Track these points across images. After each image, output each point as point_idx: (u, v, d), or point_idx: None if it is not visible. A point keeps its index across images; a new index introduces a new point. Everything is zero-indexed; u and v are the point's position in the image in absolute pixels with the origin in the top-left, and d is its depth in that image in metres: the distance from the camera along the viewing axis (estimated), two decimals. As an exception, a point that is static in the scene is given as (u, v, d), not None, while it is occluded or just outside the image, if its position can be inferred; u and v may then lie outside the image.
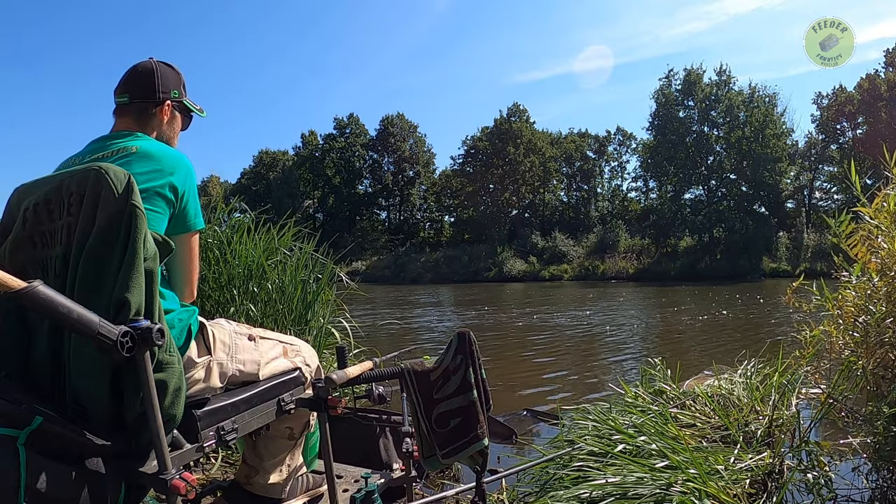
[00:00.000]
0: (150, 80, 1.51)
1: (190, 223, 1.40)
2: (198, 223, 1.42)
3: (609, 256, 33.02)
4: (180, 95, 1.58)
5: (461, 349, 1.60)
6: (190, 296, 1.46)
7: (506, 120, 40.70)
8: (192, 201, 1.40)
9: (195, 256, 1.46)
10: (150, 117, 1.52)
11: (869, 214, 1.99)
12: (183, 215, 1.38)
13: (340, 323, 3.49)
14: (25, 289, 0.92)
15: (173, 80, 1.57)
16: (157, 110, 1.52)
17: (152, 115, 1.52)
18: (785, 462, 1.95)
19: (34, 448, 0.99)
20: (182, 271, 1.43)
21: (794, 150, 34.92)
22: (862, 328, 1.97)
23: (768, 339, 7.49)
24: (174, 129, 1.60)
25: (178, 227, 1.38)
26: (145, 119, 1.51)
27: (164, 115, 1.54)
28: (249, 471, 1.71)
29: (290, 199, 40.26)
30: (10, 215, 1.27)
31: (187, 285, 1.44)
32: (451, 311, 14.76)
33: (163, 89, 1.53)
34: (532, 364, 6.63)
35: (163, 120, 1.55)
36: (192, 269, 1.46)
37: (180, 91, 1.58)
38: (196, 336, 1.38)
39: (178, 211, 1.37)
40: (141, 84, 1.51)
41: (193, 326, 1.37)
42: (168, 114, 1.55)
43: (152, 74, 1.52)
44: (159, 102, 1.52)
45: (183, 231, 1.39)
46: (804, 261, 27.25)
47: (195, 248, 1.45)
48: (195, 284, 1.48)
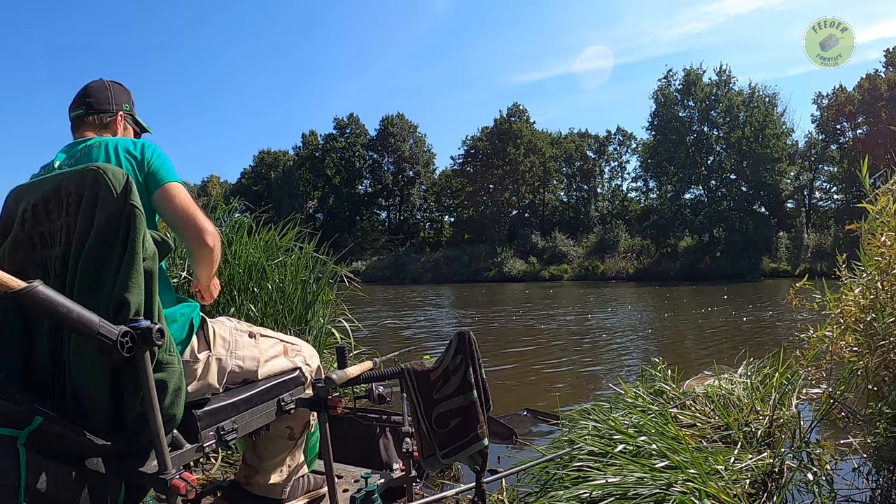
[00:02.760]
0: (103, 93, 1.64)
1: (161, 177, 1.43)
2: (166, 177, 1.44)
3: (609, 256, 33.01)
4: (131, 109, 1.71)
5: (461, 349, 1.60)
6: (203, 238, 1.43)
7: (506, 120, 40.69)
8: (157, 162, 1.44)
9: (185, 204, 1.43)
10: (106, 127, 1.62)
11: (875, 212, 1.98)
12: (153, 174, 1.42)
13: (340, 323, 3.49)
14: (25, 289, 0.92)
15: (124, 95, 1.69)
16: (111, 120, 1.63)
17: (108, 124, 1.62)
18: (785, 462, 1.95)
19: (34, 448, 1.00)
20: (180, 221, 1.43)
21: (794, 150, 34.90)
22: (864, 328, 1.97)
23: (768, 338, 7.50)
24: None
25: (150, 189, 1.42)
26: (101, 129, 1.61)
27: (118, 125, 1.64)
28: (249, 471, 1.70)
29: (291, 199, 40.32)
30: (8, 216, 1.27)
31: (193, 229, 1.43)
32: (450, 311, 14.77)
33: (116, 101, 1.65)
34: (532, 364, 6.63)
35: (117, 130, 1.64)
36: (189, 216, 1.43)
37: (131, 105, 1.71)
38: (196, 331, 1.38)
39: (147, 171, 1.42)
40: (95, 97, 1.62)
41: (195, 320, 1.37)
42: (122, 124, 1.66)
43: (105, 89, 1.65)
44: (113, 113, 1.64)
45: (153, 189, 1.42)
46: (804, 261, 27.27)
47: (178, 196, 1.43)
48: (203, 224, 1.44)
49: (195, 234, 1.43)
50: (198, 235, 1.43)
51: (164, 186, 1.43)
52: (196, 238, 1.44)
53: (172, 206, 1.42)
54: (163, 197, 1.42)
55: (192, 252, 1.50)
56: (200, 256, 1.50)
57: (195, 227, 1.43)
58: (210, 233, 1.45)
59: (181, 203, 1.43)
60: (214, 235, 1.46)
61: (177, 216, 1.42)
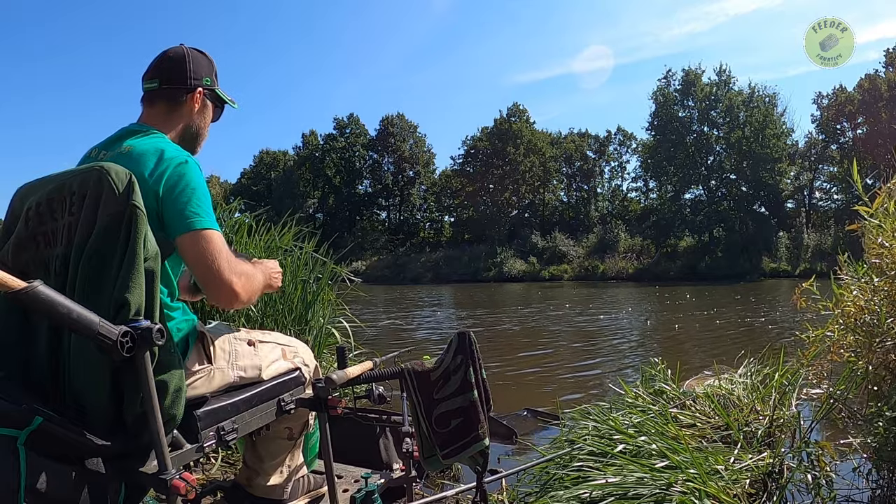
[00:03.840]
0: (181, 65, 1.44)
1: (183, 223, 1.23)
2: (196, 223, 1.23)
3: (609, 256, 32.99)
4: (212, 84, 1.51)
5: (461, 349, 1.60)
6: (229, 298, 1.27)
7: (506, 120, 40.67)
8: (182, 200, 1.24)
9: (208, 258, 1.23)
10: (180, 105, 1.45)
11: (871, 213, 1.98)
12: (172, 214, 1.23)
13: (340, 323, 3.49)
14: (25, 289, 0.92)
15: (206, 67, 1.49)
16: (187, 97, 1.45)
17: (182, 102, 1.45)
18: (785, 462, 1.95)
19: (34, 448, 0.99)
20: (199, 276, 1.25)
21: (794, 150, 34.91)
22: (864, 328, 1.97)
23: (768, 338, 7.49)
24: (205, 118, 1.52)
25: (172, 228, 1.24)
26: (175, 107, 1.45)
27: (195, 102, 1.47)
28: (250, 473, 1.71)
29: (291, 199, 40.27)
30: (13, 215, 1.26)
31: (217, 289, 1.25)
32: (450, 311, 14.76)
33: (195, 76, 1.46)
34: (532, 364, 6.63)
35: (193, 108, 1.47)
36: (213, 272, 1.23)
37: (213, 79, 1.51)
38: (196, 345, 1.37)
39: (162, 210, 1.24)
40: (172, 69, 1.44)
41: (191, 337, 1.35)
42: (199, 102, 1.48)
43: (184, 60, 1.45)
44: (191, 89, 1.45)
45: (178, 232, 1.23)
46: (804, 261, 27.27)
47: (206, 249, 1.23)
48: (232, 288, 1.25)
49: (218, 293, 1.27)
50: (223, 294, 1.26)
51: (191, 235, 1.23)
52: (214, 297, 1.28)
53: (191, 260, 1.25)
54: (185, 245, 1.24)
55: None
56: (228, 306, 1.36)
57: (218, 286, 1.25)
58: (235, 290, 1.26)
59: (203, 258, 1.23)
60: (242, 290, 1.28)
61: (197, 271, 1.25)
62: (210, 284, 1.25)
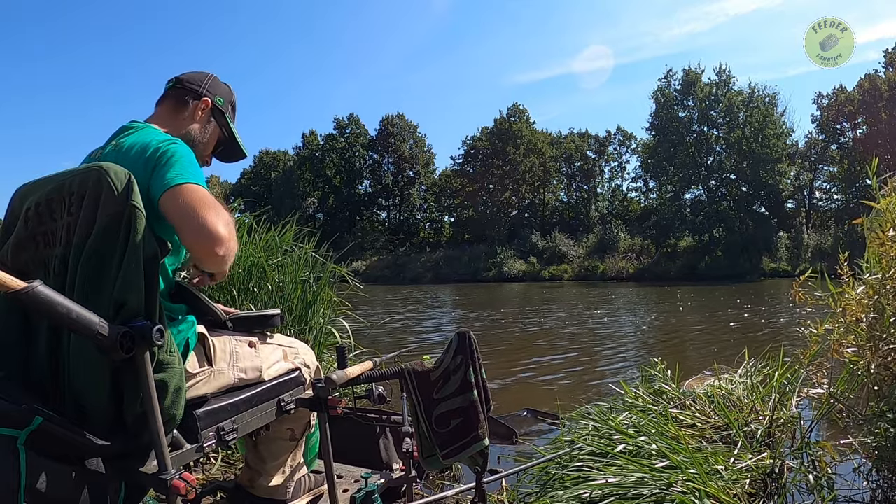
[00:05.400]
0: (200, 76, 1.53)
1: (163, 184, 1.18)
2: (176, 180, 1.18)
3: (609, 256, 33.01)
4: (224, 108, 1.54)
5: (461, 349, 1.60)
6: (214, 246, 1.14)
7: (506, 120, 40.68)
8: (164, 168, 1.21)
9: (197, 207, 1.15)
10: (184, 107, 1.48)
11: (881, 209, 1.98)
12: (156, 185, 1.20)
13: (340, 323, 3.49)
14: (25, 289, 0.92)
15: (222, 90, 1.56)
16: (192, 103, 1.49)
17: (186, 105, 1.49)
18: (785, 462, 1.95)
19: (34, 448, 0.99)
20: (185, 227, 1.15)
21: (794, 150, 34.92)
22: (866, 327, 1.97)
23: (768, 339, 7.49)
24: (206, 136, 1.52)
25: (154, 195, 1.19)
26: (179, 107, 1.48)
27: (199, 111, 1.49)
28: (252, 474, 1.71)
29: (291, 199, 40.29)
30: (12, 215, 1.26)
31: (201, 237, 1.14)
32: (450, 311, 14.76)
33: (209, 89, 1.51)
34: (532, 364, 6.63)
35: (195, 116, 1.49)
36: (200, 220, 1.14)
37: (226, 104, 1.55)
38: (196, 347, 1.37)
39: (152, 185, 1.20)
40: (191, 76, 1.52)
41: (191, 340, 1.35)
42: (203, 112, 1.49)
43: (206, 75, 1.55)
44: (198, 96, 1.50)
45: (159, 195, 1.18)
46: (804, 261, 27.26)
47: (188, 200, 1.16)
48: (216, 229, 1.13)
49: (202, 242, 1.15)
50: (206, 244, 1.14)
51: (176, 188, 1.17)
52: (199, 251, 1.17)
53: (178, 211, 1.16)
54: (169, 199, 1.17)
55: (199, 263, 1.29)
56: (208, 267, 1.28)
57: (203, 234, 1.14)
58: (217, 234, 1.14)
59: (191, 208, 1.15)
60: (219, 236, 1.15)
61: (182, 222, 1.16)
62: (193, 233, 1.14)
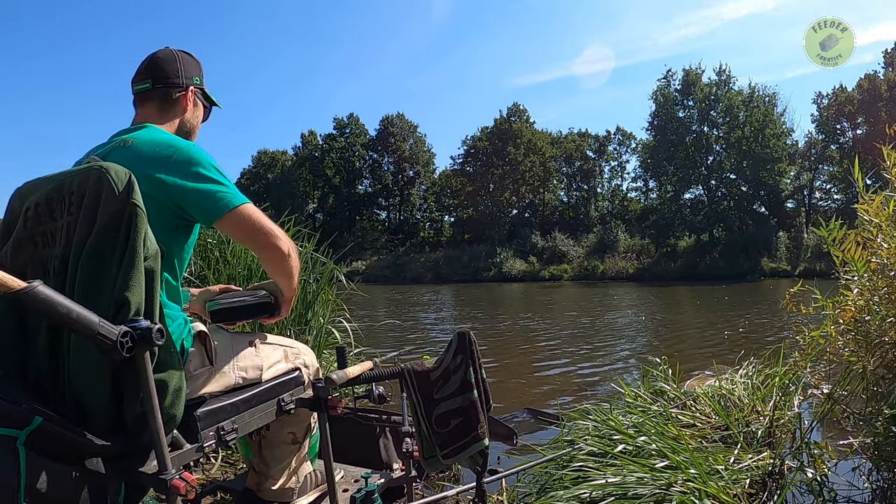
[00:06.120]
0: (172, 65, 1.47)
1: (217, 207, 1.29)
2: (230, 202, 1.30)
3: (609, 256, 33.02)
4: (202, 83, 1.53)
5: (461, 349, 1.60)
6: (280, 254, 1.38)
7: (506, 120, 40.69)
8: (204, 184, 1.29)
9: (252, 231, 1.34)
10: (174, 104, 1.47)
11: (870, 213, 1.98)
12: (198, 200, 1.28)
13: (340, 323, 3.49)
14: (25, 289, 0.92)
15: (195, 67, 1.52)
16: (180, 96, 1.47)
17: (175, 101, 1.47)
18: (785, 462, 1.95)
19: (34, 448, 0.99)
20: (253, 247, 1.40)
21: (794, 150, 34.92)
22: (862, 328, 1.97)
23: (769, 339, 7.50)
24: (196, 117, 1.55)
25: (208, 213, 1.30)
26: (168, 106, 1.46)
27: (188, 101, 1.49)
28: (259, 478, 1.71)
29: (290, 199, 40.27)
30: (12, 214, 1.26)
31: (271, 250, 1.37)
32: (450, 311, 14.76)
33: (186, 75, 1.48)
34: (532, 364, 6.63)
35: (186, 107, 1.49)
36: (261, 240, 1.35)
37: (201, 79, 1.54)
38: (197, 346, 1.36)
39: (189, 198, 1.28)
40: (163, 70, 1.46)
41: (193, 338, 1.35)
42: (191, 101, 1.50)
43: (175, 61, 1.48)
44: (183, 88, 1.47)
45: (215, 217, 1.30)
46: (804, 261, 27.27)
47: (245, 224, 1.33)
48: (278, 247, 1.37)
49: (272, 258, 1.39)
50: (277, 259, 1.39)
51: (229, 214, 1.30)
52: (272, 266, 1.42)
53: (240, 236, 1.41)
54: (227, 227, 1.34)
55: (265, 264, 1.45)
56: (275, 268, 1.44)
57: (271, 250, 1.37)
58: (282, 249, 1.38)
59: (248, 232, 1.35)
60: (287, 246, 1.39)
61: (248, 243, 1.41)
62: (263, 244, 1.36)
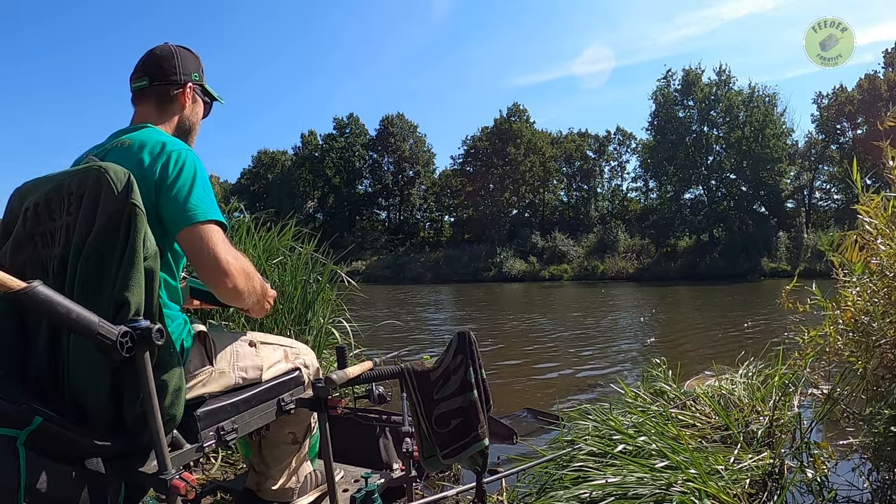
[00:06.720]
0: (170, 62, 1.44)
1: (184, 216, 1.21)
2: (196, 216, 1.21)
3: (609, 256, 33.00)
4: (201, 79, 1.51)
5: (461, 349, 1.60)
6: (223, 281, 1.22)
7: (506, 120, 40.68)
8: (182, 193, 1.23)
9: (212, 251, 1.21)
10: (172, 101, 1.45)
11: (869, 214, 1.98)
12: (172, 208, 1.22)
13: (340, 323, 3.48)
14: (25, 289, 0.92)
15: (193, 63, 1.50)
16: (178, 94, 1.45)
17: (173, 98, 1.45)
18: (785, 462, 1.95)
19: (34, 448, 0.99)
20: (202, 269, 1.23)
21: (794, 150, 34.91)
22: (862, 329, 1.97)
23: (769, 338, 7.49)
24: (196, 113, 1.52)
25: (173, 221, 1.22)
26: (166, 104, 1.44)
27: (186, 98, 1.47)
28: (259, 478, 1.71)
29: (290, 199, 40.29)
30: (11, 214, 1.26)
31: (214, 273, 1.22)
32: (450, 311, 14.76)
33: (184, 72, 1.45)
34: (532, 364, 6.63)
35: (185, 104, 1.47)
36: (210, 258, 1.21)
37: (200, 75, 1.51)
38: (197, 346, 1.36)
39: (162, 202, 1.22)
40: (161, 67, 1.43)
41: (193, 338, 1.35)
42: (190, 97, 1.47)
43: (172, 57, 1.45)
44: (181, 85, 1.45)
45: (179, 225, 1.22)
46: (804, 261, 27.20)
47: (208, 241, 1.21)
48: (239, 279, 1.24)
49: (222, 288, 1.24)
50: (229, 289, 1.24)
51: (195, 227, 1.21)
52: (222, 294, 1.27)
53: (194, 252, 1.23)
54: (187, 239, 1.23)
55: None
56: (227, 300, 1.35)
57: (221, 281, 1.23)
58: (237, 285, 1.24)
59: (207, 250, 1.22)
60: (237, 272, 1.24)
61: (200, 263, 1.23)
62: (208, 270, 1.23)
